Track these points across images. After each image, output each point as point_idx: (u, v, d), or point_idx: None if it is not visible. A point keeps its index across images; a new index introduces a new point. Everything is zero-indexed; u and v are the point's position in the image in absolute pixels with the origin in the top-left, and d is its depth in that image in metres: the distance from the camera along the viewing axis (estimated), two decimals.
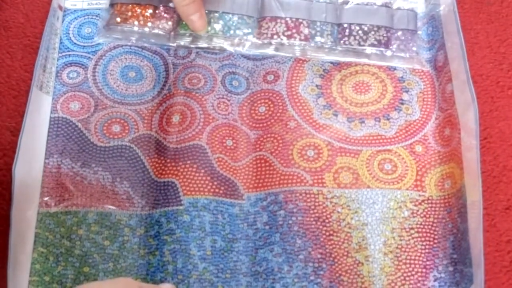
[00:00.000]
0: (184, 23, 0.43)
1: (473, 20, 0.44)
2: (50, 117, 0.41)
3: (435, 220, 0.38)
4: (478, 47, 0.43)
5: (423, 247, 0.38)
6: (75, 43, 0.44)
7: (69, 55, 0.44)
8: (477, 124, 0.37)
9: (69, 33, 0.45)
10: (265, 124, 0.42)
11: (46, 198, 0.38)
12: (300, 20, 0.44)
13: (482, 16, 0.44)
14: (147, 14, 0.43)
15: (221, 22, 0.44)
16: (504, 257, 0.37)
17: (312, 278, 0.37)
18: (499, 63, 0.42)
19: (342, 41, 0.44)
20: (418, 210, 0.39)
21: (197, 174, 0.39)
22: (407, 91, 0.43)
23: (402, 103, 0.43)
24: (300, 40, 0.43)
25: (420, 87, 0.43)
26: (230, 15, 0.44)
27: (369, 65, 0.44)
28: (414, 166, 0.40)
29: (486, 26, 0.44)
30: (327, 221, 0.38)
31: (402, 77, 0.44)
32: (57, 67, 0.43)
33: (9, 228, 0.36)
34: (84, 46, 0.44)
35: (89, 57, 0.44)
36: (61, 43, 0.44)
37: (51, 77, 0.43)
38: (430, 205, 0.39)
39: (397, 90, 0.43)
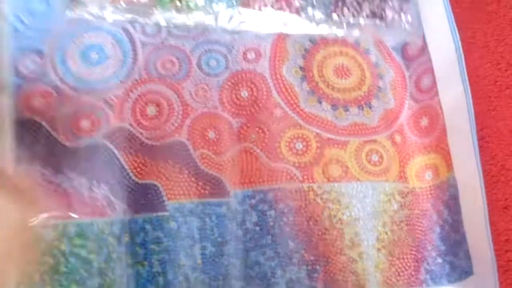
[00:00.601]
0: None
1: (470, 20, 0.43)
2: (13, 119, 0.35)
3: (420, 212, 0.39)
4: (475, 47, 0.42)
5: (412, 239, 0.38)
6: (22, 21, 0.36)
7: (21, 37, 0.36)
8: (472, 116, 0.37)
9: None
10: (248, 111, 0.39)
11: None
12: None
13: (479, 16, 0.43)
14: None
15: None
16: (502, 256, 0.37)
17: (306, 282, 0.36)
18: (496, 63, 0.42)
19: (335, 13, 0.41)
20: (405, 203, 0.39)
21: (180, 176, 0.37)
22: (381, 78, 0.42)
23: (379, 91, 0.42)
24: (291, 12, 0.40)
25: (391, 75, 0.42)
26: None
27: (346, 46, 0.42)
28: (397, 157, 0.40)
29: (484, 25, 0.43)
30: (318, 219, 0.37)
31: (376, 62, 0.42)
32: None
33: None
34: (32, 27, 0.36)
35: (42, 40, 0.36)
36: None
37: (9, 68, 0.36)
38: (414, 196, 0.39)
39: (374, 76, 0.42)
